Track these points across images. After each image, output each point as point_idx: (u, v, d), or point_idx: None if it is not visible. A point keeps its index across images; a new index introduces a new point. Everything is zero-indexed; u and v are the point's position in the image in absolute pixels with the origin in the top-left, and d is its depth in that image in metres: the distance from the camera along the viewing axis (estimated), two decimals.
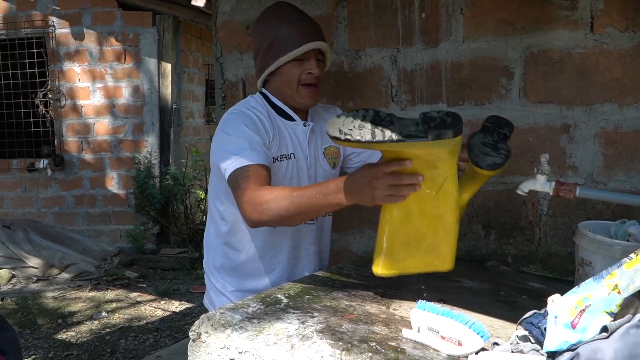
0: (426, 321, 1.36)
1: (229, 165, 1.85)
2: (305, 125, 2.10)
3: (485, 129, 1.81)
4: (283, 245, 2.11)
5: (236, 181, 1.83)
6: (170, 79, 7.61)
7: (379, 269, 1.69)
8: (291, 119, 2.08)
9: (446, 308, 1.41)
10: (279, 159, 2.01)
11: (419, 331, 1.38)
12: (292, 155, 2.05)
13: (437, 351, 1.33)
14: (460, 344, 1.30)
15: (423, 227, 1.67)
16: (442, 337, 1.33)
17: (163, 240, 7.57)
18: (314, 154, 2.12)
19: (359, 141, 1.44)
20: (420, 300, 1.45)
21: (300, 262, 2.15)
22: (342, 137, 1.45)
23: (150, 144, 7.52)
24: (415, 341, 1.37)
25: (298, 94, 2.02)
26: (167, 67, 7.57)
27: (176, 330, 4.97)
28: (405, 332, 1.40)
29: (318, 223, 2.17)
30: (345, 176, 1.64)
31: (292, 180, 2.05)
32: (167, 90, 7.60)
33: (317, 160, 2.14)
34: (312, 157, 2.11)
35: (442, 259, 1.72)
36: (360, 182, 1.58)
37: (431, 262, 1.72)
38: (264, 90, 2.11)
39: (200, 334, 1.49)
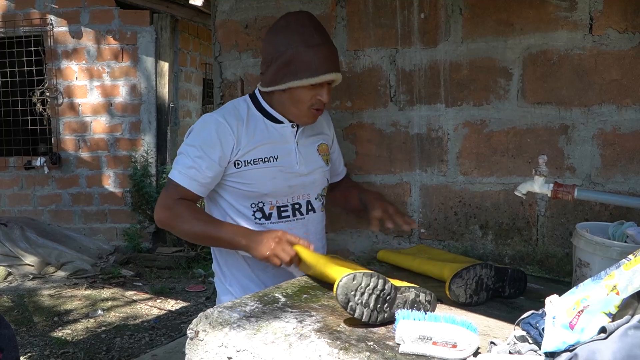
0: (416, 330, 1.32)
1: (172, 172, 2.05)
2: (293, 127, 2.12)
3: (498, 274, 1.79)
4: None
5: (167, 187, 2.06)
6: (167, 77, 7.61)
7: None
8: (279, 121, 2.11)
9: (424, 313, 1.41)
10: (252, 162, 2.05)
11: (407, 342, 1.32)
12: (272, 158, 2.07)
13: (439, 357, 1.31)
14: (455, 346, 1.30)
15: None
16: (435, 343, 1.30)
17: (159, 239, 7.56)
18: (304, 152, 2.15)
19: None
20: (400, 310, 1.44)
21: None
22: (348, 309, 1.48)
23: (147, 142, 7.51)
24: (412, 354, 1.32)
25: (304, 115, 2.07)
26: (165, 65, 7.57)
27: (172, 329, 4.97)
28: (402, 348, 1.33)
29: (306, 220, 2.19)
30: (253, 230, 2.01)
31: (275, 180, 2.07)
32: (165, 89, 7.60)
33: (309, 158, 2.16)
34: (302, 156, 2.14)
35: None
36: (268, 237, 1.90)
37: None
38: (257, 95, 2.15)
39: (198, 332, 1.49)
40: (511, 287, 1.81)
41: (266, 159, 2.06)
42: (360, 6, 2.47)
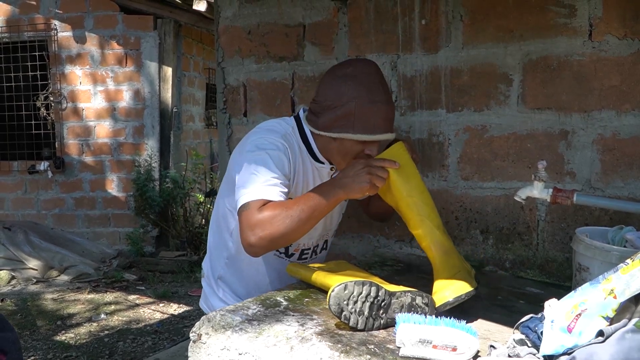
0: (416, 334, 1.33)
1: (245, 196, 1.77)
2: (332, 170, 2.03)
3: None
4: (278, 276, 2.10)
5: (243, 211, 1.76)
6: (171, 82, 7.63)
7: None
8: (320, 161, 2.00)
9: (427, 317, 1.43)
10: None
11: (407, 346, 1.33)
12: None
13: None
14: (455, 350, 1.31)
15: None
16: (435, 347, 1.31)
17: (162, 243, 7.58)
18: None
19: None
20: (400, 314, 1.45)
21: None
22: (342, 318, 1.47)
23: (150, 147, 7.53)
24: (412, 357, 1.33)
25: (347, 165, 1.92)
26: (168, 70, 7.59)
27: (175, 333, 4.98)
28: (402, 351, 1.34)
29: (317, 258, 2.19)
30: (336, 178, 1.81)
31: None
32: (168, 93, 7.62)
33: None
34: None
35: None
36: (355, 170, 1.76)
37: None
38: (305, 128, 2.00)
39: (201, 335, 1.50)
40: None
41: None
42: (361, 13, 2.49)
